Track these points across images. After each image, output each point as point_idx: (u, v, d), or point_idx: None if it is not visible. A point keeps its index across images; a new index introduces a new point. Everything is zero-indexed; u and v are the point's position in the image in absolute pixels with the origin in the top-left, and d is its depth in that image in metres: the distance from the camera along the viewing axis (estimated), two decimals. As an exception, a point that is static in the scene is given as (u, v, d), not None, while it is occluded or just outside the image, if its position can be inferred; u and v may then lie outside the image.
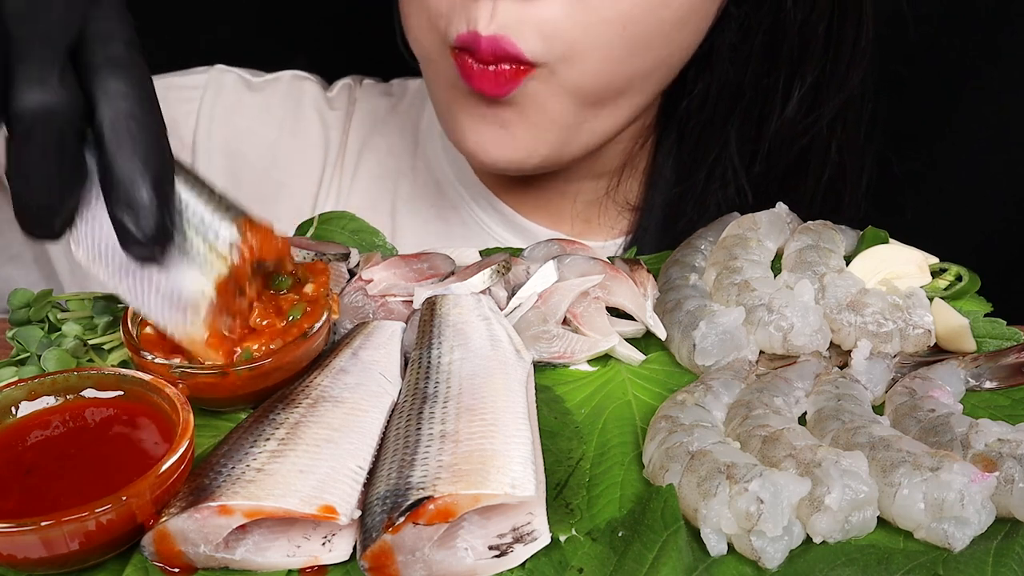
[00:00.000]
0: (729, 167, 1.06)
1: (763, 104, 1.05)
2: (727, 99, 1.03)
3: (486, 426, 0.64)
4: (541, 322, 0.78)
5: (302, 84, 1.16)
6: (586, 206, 1.09)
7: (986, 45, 1.29)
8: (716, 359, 0.75)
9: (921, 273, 0.83)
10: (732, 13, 0.98)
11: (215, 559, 0.59)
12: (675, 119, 1.05)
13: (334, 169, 1.13)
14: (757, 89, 1.04)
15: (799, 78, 1.03)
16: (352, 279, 0.83)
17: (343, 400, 0.68)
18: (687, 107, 1.04)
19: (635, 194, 1.09)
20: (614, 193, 1.09)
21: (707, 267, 0.84)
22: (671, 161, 1.07)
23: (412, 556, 0.58)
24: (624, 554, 0.60)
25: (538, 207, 1.09)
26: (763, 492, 0.59)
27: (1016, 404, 0.72)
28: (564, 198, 1.09)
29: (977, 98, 1.33)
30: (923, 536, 0.60)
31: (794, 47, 1.02)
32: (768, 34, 1.01)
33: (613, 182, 1.08)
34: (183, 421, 0.62)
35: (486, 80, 0.88)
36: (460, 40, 0.87)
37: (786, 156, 1.07)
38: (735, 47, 1.01)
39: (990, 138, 1.35)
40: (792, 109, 1.04)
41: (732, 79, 1.02)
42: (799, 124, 1.05)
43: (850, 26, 1.02)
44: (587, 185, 1.08)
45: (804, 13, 1.00)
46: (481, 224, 1.10)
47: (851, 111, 1.08)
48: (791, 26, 1.00)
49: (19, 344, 0.78)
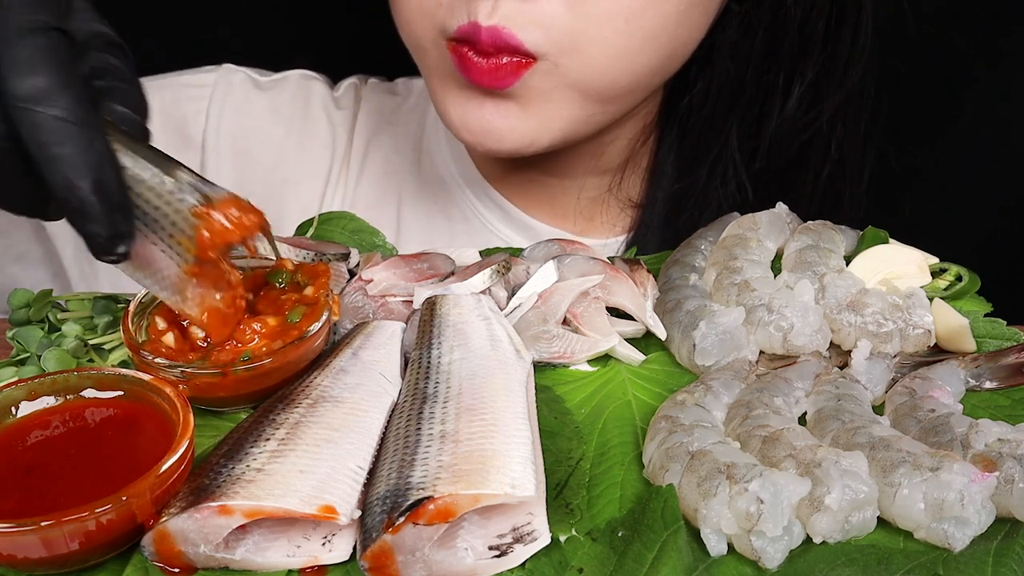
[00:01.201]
0: (730, 164, 1.06)
1: (764, 101, 1.05)
2: (728, 96, 1.03)
3: (486, 426, 0.64)
4: (541, 322, 0.78)
5: (310, 84, 1.16)
6: (589, 203, 1.09)
7: (988, 44, 1.29)
8: (716, 359, 0.75)
9: (921, 273, 0.83)
10: (733, 10, 0.98)
11: (215, 559, 0.59)
12: (677, 117, 1.05)
13: (340, 168, 1.13)
14: (758, 86, 1.04)
15: (799, 75, 1.03)
16: (352, 279, 0.83)
17: (343, 400, 0.68)
18: (688, 104, 1.04)
19: (637, 191, 1.10)
20: (616, 190, 1.09)
21: (707, 267, 0.84)
22: (672, 158, 1.07)
23: (412, 556, 0.58)
24: (624, 554, 0.60)
25: (541, 204, 1.09)
26: (763, 492, 0.59)
27: (1016, 404, 0.72)
28: (567, 195, 1.09)
29: (979, 97, 1.33)
30: (923, 536, 0.60)
31: (794, 44, 1.02)
32: (769, 31, 1.01)
33: (616, 179, 1.08)
34: (183, 421, 0.62)
35: (485, 74, 0.87)
36: (460, 32, 0.86)
37: (787, 152, 1.07)
38: (736, 44, 1.01)
39: (991, 137, 1.35)
40: (792, 106, 1.04)
41: (733, 76, 1.02)
42: (799, 121, 1.05)
43: (848, 23, 1.02)
44: (590, 182, 1.08)
45: (804, 11, 1.00)
46: (484, 222, 1.10)
47: (851, 108, 1.08)
48: (791, 23, 1.00)
49: (19, 344, 0.78)
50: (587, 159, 1.04)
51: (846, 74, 1.05)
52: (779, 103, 1.04)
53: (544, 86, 0.89)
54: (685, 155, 1.07)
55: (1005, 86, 1.33)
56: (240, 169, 1.10)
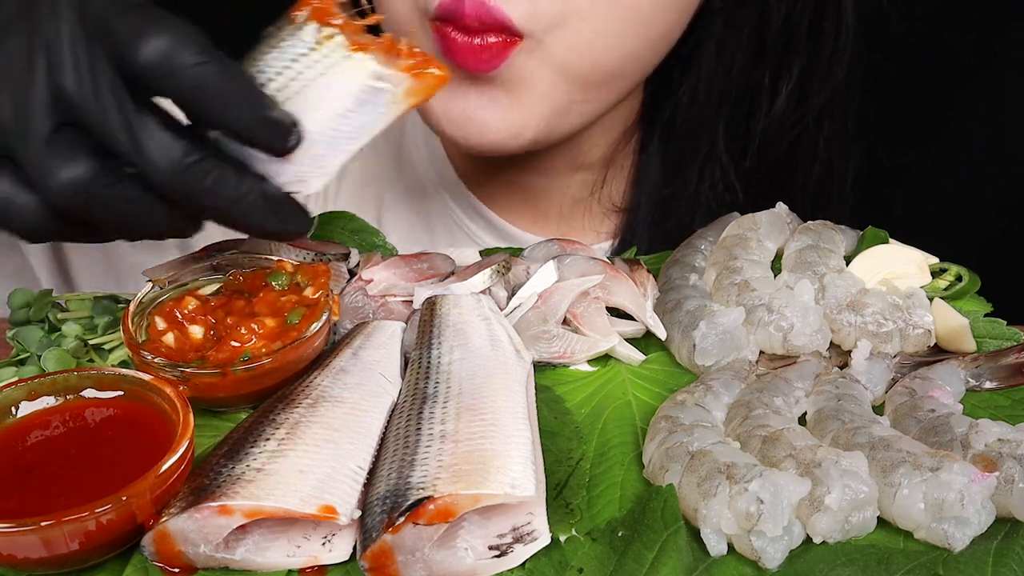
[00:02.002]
0: (718, 165, 1.05)
1: (751, 100, 1.04)
2: (715, 95, 1.02)
3: (486, 426, 0.64)
4: (541, 322, 0.78)
5: None
6: (571, 207, 1.08)
7: (983, 43, 1.30)
8: (716, 359, 0.75)
9: (921, 273, 0.83)
10: (716, 6, 0.97)
11: (215, 559, 0.59)
12: (660, 119, 1.04)
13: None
14: (745, 85, 1.03)
15: (786, 73, 1.02)
16: (352, 279, 0.83)
17: (343, 400, 0.68)
18: (674, 107, 1.02)
19: (620, 195, 1.08)
20: (599, 193, 1.07)
21: (707, 267, 0.84)
22: (658, 161, 1.06)
23: (412, 556, 0.58)
24: (624, 554, 0.60)
25: (523, 209, 1.08)
26: (763, 492, 0.59)
27: (1016, 404, 0.72)
28: (549, 198, 1.07)
29: (977, 96, 1.33)
30: (923, 536, 0.60)
31: (779, 41, 1.01)
32: (754, 29, 1.00)
33: (597, 181, 1.07)
34: (183, 421, 0.62)
35: (470, 54, 0.83)
36: (442, 8, 0.83)
37: (776, 152, 1.06)
38: (722, 42, 1.00)
39: (990, 137, 1.35)
40: (781, 105, 1.03)
41: (720, 75, 1.01)
42: (788, 119, 1.04)
43: (830, 20, 1.01)
44: (570, 180, 1.06)
45: (788, 7, 0.99)
46: (465, 230, 1.08)
47: (837, 106, 1.07)
48: (776, 20, 0.99)
49: (19, 344, 0.78)
50: (565, 153, 1.02)
51: (830, 71, 1.04)
52: (766, 102, 1.03)
53: (528, 67, 0.85)
54: (672, 158, 1.05)
55: (1000, 87, 1.33)
56: None
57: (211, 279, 0.78)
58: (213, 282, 0.78)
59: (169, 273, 0.78)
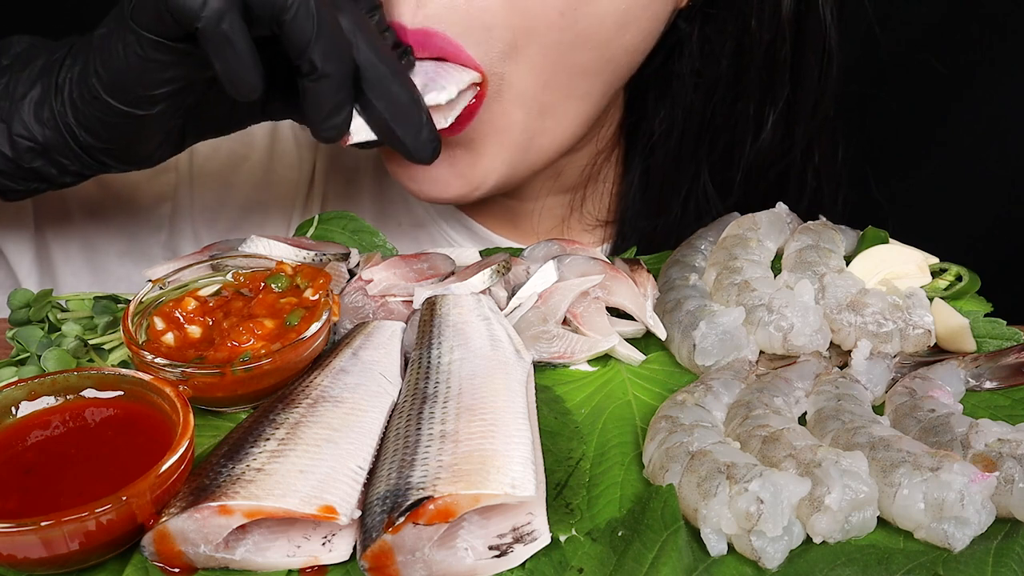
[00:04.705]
0: (703, 199, 1.03)
1: (733, 132, 1.01)
2: (695, 127, 1.00)
3: (486, 426, 0.64)
4: (541, 322, 0.78)
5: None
6: (552, 224, 1.07)
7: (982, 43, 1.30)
8: (716, 359, 0.75)
9: (921, 273, 0.83)
10: (682, 28, 0.95)
11: (215, 559, 0.59)
12: (638, 150, 1.02)
13: (306, 190, 1.10)
14: (728, 117, 1.00)
15: (771, 103, 1.00)
16: (352, 279, 0.83)
17: (343, 400, 0.68)
18: (651, 135, 1.00)
19: (602, 209, 1.07)
20: (579, 211, 1.06)
21: (707, 267, 0.84)
22: (641, 193, 1.04)
23: (412, 556, 0.58)
24: (624, 554, 0.60)
25: (504, 223, 1.07)
26: (763, 492, 0.59)
27: (1016, 404, 0.72)
28: (529, 216, 1.07)
29: (977, 96, 1.34)
30: (923, 536, 0.60)
31: (761, 70, 0.98)
32: (734, 57, 0.97)
33: (577, 199, 1.06)
34: (183, 421, 0.62)
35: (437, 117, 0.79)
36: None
37: (763, 183, 1.04)
38: (699, 72, 0.97)
39: (990, 137, 1.35)
40: (767, 137, 1.01)
41: (699, 107, 0.99)
42: (774, 150, 1.02)
43: (813, 49, 0.99)
44: (550, 202, 1.05)
45: (770, 34, 0.96)
46: (451, 242, 1.08)
47: (824, 136, 1.05)
48: (757, 49, 0.97)
49: (19, 344, 0.78)
50: (545, 180, 1.01)
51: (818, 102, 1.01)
52: (751, 133, 1.01)
53: (491, 112, 0.84)
54: (655, 193, 1.03)
55: (1002, 85, 1.33)
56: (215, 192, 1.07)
57: (211, 279, 0.78)
58: (213, 282, 0.78)
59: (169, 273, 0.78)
